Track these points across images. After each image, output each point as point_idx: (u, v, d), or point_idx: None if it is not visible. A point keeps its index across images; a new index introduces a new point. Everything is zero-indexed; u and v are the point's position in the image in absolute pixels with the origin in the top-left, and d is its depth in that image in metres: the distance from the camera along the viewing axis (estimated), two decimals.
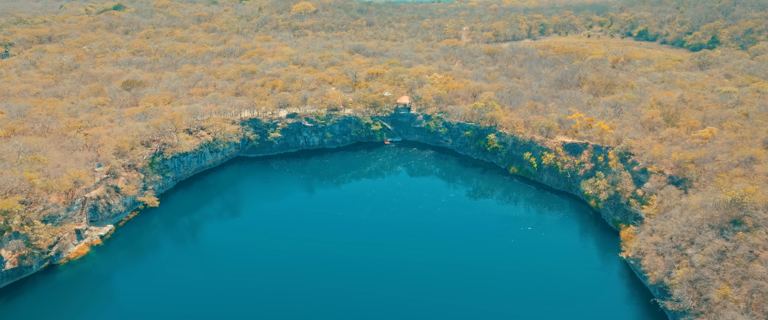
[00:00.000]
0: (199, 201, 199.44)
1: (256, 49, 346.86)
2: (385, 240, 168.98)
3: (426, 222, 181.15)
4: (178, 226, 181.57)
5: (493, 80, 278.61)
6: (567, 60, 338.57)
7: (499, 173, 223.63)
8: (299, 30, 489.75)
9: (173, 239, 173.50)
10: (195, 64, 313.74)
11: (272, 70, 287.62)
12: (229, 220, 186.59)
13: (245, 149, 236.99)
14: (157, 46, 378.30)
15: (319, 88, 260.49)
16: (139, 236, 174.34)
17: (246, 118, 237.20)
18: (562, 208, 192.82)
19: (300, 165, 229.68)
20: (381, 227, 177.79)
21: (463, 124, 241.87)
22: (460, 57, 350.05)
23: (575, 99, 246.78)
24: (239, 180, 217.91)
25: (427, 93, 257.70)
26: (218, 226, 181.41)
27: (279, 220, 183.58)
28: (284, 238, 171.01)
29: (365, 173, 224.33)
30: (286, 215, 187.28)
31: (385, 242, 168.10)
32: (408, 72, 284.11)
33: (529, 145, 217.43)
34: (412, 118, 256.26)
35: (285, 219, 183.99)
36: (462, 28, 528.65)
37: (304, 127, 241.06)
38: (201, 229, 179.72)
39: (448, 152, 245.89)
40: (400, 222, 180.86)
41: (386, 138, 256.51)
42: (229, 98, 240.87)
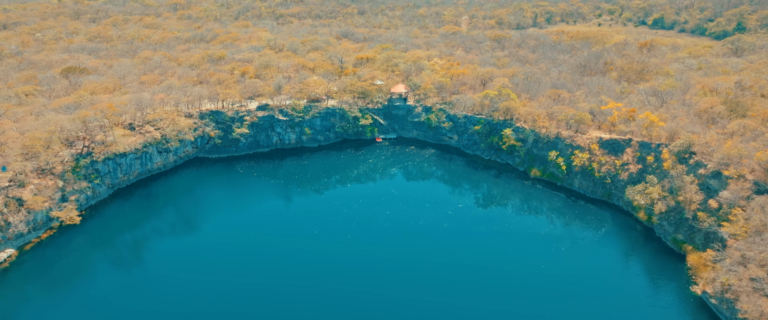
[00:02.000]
0: (143, 215, 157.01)
1: (230, 34, 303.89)
2: (375, 268, 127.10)
3: (428, 244, 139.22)
4: (113, 246, 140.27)
5: (504, 66, 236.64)
6: (584, 45, 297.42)
7: (517, 177, 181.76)
8: (283, 18, 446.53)
9: (107, 263, 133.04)
10: (157, 51, 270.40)
11: (244, 54, 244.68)
12: (181, 238, 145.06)
13: (205, 148, 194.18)
14: (121, 32, 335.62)
15: (297, 75, 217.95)
16: (55, 262, 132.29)
17: (206, 111, 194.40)
18: (602, 222, 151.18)
19: (272, 168, 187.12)
20: (370, 250, 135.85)
21: (472, 117, 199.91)
22: (462, 43, 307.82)
23: (605, 87, 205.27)
24: (196, 188, 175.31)
25: (426, 80, 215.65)
26: (167, 246, 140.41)
27: (243, 238, 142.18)
28: (248, 262, 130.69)
29: (352, 177, 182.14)
30: (252, 232, 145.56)
31: (376, 270, 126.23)
32: (403, 57, 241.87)
33: (555, 142, 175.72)
34: (408, 111, 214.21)
35: (251, 237, 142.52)
36: (461, 17, 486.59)
37: (277, 122, 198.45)
38: (145, 250, 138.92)
39: (452, 151, 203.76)
40: (395, 243, 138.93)
41: (378, 134, 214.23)
42: (186, 87, 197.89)
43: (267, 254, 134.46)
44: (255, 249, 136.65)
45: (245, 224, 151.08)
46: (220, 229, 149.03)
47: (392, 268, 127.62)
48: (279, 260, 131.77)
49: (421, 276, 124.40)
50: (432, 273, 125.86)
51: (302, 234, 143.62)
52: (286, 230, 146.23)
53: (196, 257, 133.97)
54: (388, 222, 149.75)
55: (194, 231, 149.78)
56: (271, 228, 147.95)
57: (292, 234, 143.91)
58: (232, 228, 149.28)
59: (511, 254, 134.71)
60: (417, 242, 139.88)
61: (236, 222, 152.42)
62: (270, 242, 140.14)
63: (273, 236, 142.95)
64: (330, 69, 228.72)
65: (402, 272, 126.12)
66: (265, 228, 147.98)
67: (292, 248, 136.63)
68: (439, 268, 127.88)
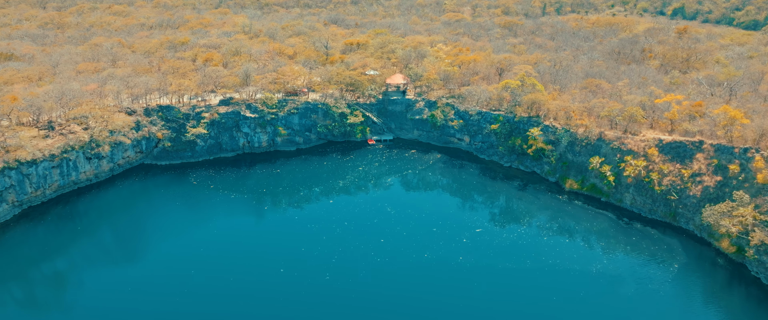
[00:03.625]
0: (63, 241, 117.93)
1: (202, 20, 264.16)
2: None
3: (437, 288, 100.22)
4: (23, 283, 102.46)
5: (522, 53, 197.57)
6: (608, 32, 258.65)
7: (548, 190, 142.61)
8: (269, 7, 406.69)
9: (15, 305, 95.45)
10: (113, 37, 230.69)
11: (210, 39, 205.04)
12: (112, 270, 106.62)
13: (153, 153, 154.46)
14: (80, 19, 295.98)
15: (273, 63, 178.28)
16: None
17: (154, 106, 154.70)
18: (671, 254, 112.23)
19: (236, 178, 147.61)
20: (356, 299, 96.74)
21: (487, 114, 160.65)
22: (468, 31, 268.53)
23: (649, 77, 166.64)
24: (136, 204, 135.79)
25: (430, 69, 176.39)
26: (93, 279, 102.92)
27: (193, 272, 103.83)
28: (197, 302, 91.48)
29: (337, 190, 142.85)
30: (204, 263, 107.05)
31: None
32: (401, 42, 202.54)
33: (597, 146, 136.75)
34: (408, 106, 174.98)
35: (202, 271, 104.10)
36: (464, 7, 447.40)
37: (244, 119, 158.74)
38: (66, 286, 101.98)
39: (463, 156, 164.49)
40: (391, 288, 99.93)
41: (370, 135, 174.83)
42: (129, 77, 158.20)
43: (221, 295, 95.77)
44: (204, 289, 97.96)
45: (193, 254, 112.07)
46: (161, 261, 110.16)
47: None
48: (236, 303, 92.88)
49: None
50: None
51: (264, 273, 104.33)
52: (245, 265, 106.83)
53: (125, 297, 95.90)
54: (381, 256, 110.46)
55: (127, 263, 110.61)
56: (225, 261, 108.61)
57: (251, 271, 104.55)
58: (177, 259, 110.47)
59: (555, 303, 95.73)
60: (422, 285, 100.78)
61: (181, 253, 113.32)
62: (225, 279, 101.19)
63: (224, 274, 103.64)
64: (313, 56, 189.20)
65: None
66: (218, 261, 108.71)
67: (246, 294, 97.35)
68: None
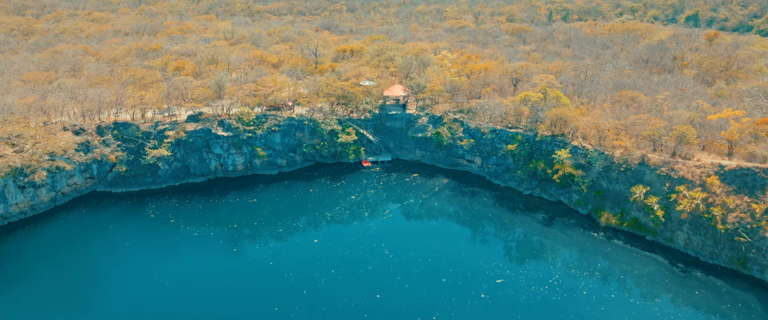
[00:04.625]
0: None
1: (183, 27, 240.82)
2: None
3: None
4: None
5: (540, 61, 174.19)
6: (628, 39, 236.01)
7: (579, 224, 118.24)
8: (259, 14, 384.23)
9: None
10: (79, 44, 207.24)
11: (185, 46, 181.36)
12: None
13: (106, 179, 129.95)
14: (52, 26, 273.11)
15: (252, 72, 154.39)
16: None
17: (109, 123, 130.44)
18: (746, 312, 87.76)
19: (203, 209, 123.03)
20: None
21: (503, 132, 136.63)
22: (473, 38, 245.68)
23: (691, 88, 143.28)
24: (81, 242, 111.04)
25: (434, 80, 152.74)
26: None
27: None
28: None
29: (324, 224, 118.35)
30: None
31: None
32: (401, 48, 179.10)
33: (639, 172, 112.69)
34: (409, 122, 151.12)
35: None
36: (465, 15, 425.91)
37: (215, 139, 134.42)
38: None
39: (474, 181, 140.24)
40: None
41: (365, 156, 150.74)
42: (80, 88, 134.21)
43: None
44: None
45: (149, 306, 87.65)
46: (109, 312, 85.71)
47: None
48: None
49: None
50: None
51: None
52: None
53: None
54: (378, 319, 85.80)
55: (73, 315, 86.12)
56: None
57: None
58: (129, 313, 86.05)
59: None
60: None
61: (134, 305, 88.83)
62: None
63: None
64: (300, 65, 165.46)
65: None
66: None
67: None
68: None
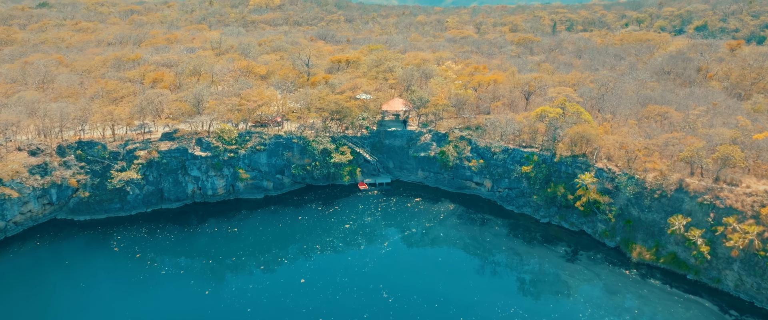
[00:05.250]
0: None
1: (169, 36, 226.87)
2: None
3: None
4: None
5: (551, 72, 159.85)
6: (642, 49, 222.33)
7: (606, 259, 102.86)
8: (254, 24, 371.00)
9: None
10: (56, 54, 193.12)
11: (167, 56, 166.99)
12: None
13: (68, 206, 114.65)
14: (33, 36, 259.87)
15: (237, 84, 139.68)
16: None
17: (72, 142, 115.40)
18: None
19: (175, 241, 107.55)
20: None
21: (516, 152, 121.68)
22: (477, 48, 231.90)
23: (723, 102, 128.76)
24: (34, 279, 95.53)
25: (438, 93, 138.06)
26: None
27: None
28: None
29: (313, 260, 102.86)
30: None
31: None
32: (401, 59, 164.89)
33: (677, 200, 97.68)
34: (410, 139, 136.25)
35: None
36: (467, 25, 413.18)
37: (192, 159, 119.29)
38: None
39: (484, 206, 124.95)
40: None
41: (361, 178, 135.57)
42: (38, 102, 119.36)
43: None
44: None
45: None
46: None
47: None
48: None
49: None
50: None
51: None
52: None
53: None
54: None
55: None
56: None
57: None
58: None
59: None
60: None
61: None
62: None
63: None
64: (291, 76, 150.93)
65: None
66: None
67: None
68: None
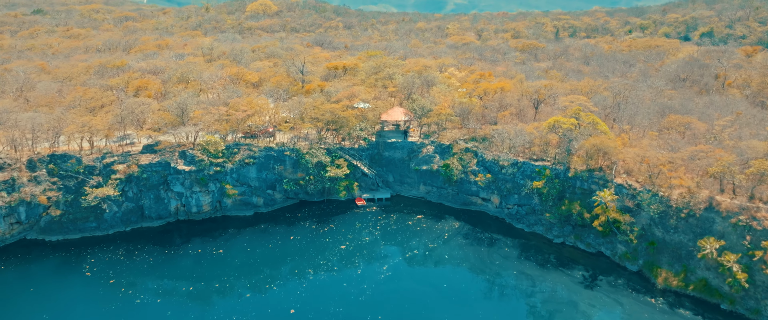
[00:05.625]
0: None
1: (160, 42, 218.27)
2: None
3: None
4: None
5: (561, 79, 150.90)
6: (652, 56, 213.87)
7: (629, 284, 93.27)
8: (251, 30, 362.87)
9: None
10: (40, 60, 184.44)
11: (154, 62, 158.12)
12: None
13: (39, 225, 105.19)
14: (20, 42, 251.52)
15: (226, 93, 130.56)
16: None
17: (43, 156, 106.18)
18: None
19: (153, 265, 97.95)
20: None
21: (526, 165, 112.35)
22: (479, 55, 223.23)
23: (746, 111, 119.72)
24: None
25: (441, 102, 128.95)
26: None
27: None
28: None
29: (304, 287, 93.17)
30: None
31: None
32: (401, 65, 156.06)
33: (707, 220, 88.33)
34: (412, 151, 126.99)
35: None
36: (467, 32, 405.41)
37: (175, 174, 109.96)
38: None
39: (491, 224, 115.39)
40: None
41: (359, 193, 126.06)
42: (12, 113, 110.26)
43: None
44: None
45: None
46: None
47: None
48: None
49: None
50: None
51: None
52: None
53: None
54: None
55: None
56: None
57: None
58: None
59: None
60: None
61: None
62: None
63: None
64: (284, 84, 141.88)
65: None
66: None
67: None
68: None
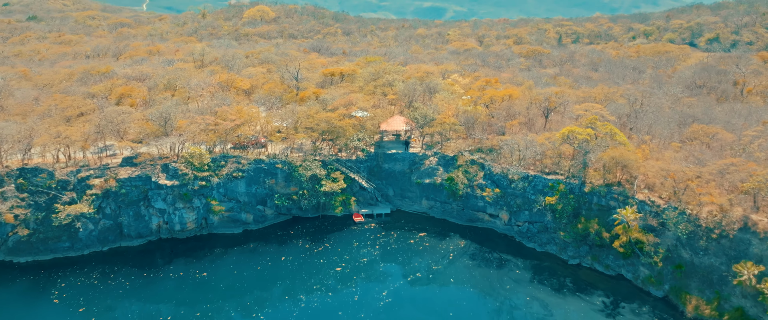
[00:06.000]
0: None
1: (151, 48, 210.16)
2: None
3: None
4: None
5: (571, 86, 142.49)
6: (660, 62, 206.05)
7: (654, 312, 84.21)
8: (248, 37, 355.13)
9: None
10: (24, 66, 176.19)
11: (140, 68, 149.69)
12: None
13: (7, 245, 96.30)
14: (8, 48, 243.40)
15: (214, 100, 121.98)
16: None
17: (10, 169, 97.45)
18: None
19: (133, 289, 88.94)
20: None
21: (537, 179, 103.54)
22: (483, 60, 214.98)
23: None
24: None
25: (445, 110, 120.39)
26: None
27: None
28: None
29: (298, 310, 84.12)
30: None
31: None
32: (402, 71, 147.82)
33: (741, 241, 79.56)
34: (413, 164, 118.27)
35: None
36: (469, 38, 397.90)
37: (156, 189, 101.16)
38: None
39: (500, 243, 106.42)
40: None
41: (356, 208, 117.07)
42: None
43: None
44: None
45: None
46: None
47: None
48: None
49: None
50: None
51: None
52: None
53: None
54: None
55: None
56: None
57: None
58: None
59: None
60: None
61: None
62: None
63: None
64: (277, 91, 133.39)
65: None
66: None
67: None
68: None
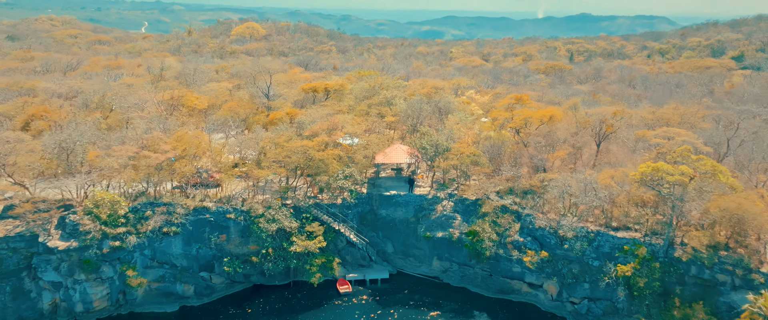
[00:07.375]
0: None
1: (110, 62, 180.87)
2: None
3: None
4: None
5: (618, 100, 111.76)
6: (704, 79, 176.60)
7: None
8: (234, 54, 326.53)
9: None
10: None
11: (74, 82, 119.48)
12: None
13: None
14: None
15: (151, 123, 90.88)
16: None
17: None
18: None
19: None
20: None
21: (603, 238, 72.01)
22: (495, 77, 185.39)
23: None
24: None
25: (463, 137, 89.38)
26: None
27: None
28: None
29: None
30: None
31: None
32: (404, 87, 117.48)
33: None
34: (420, 209, 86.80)
35: None
36: (473, 56, 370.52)
37: (45, 255, 69.61)
38: None
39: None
40: None
41: (342, 272, 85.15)
42: None
43: None
44: None
45: None
46: None
47: None
48: None
49: None
50: None
51: None
52: None
53: None
54: None
55: None
56: None
57: None
58: None
59: None
60: None
61: None
62: None
63: None
64: (242, 112, 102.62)
65: None
66: None
67: None
68: None
